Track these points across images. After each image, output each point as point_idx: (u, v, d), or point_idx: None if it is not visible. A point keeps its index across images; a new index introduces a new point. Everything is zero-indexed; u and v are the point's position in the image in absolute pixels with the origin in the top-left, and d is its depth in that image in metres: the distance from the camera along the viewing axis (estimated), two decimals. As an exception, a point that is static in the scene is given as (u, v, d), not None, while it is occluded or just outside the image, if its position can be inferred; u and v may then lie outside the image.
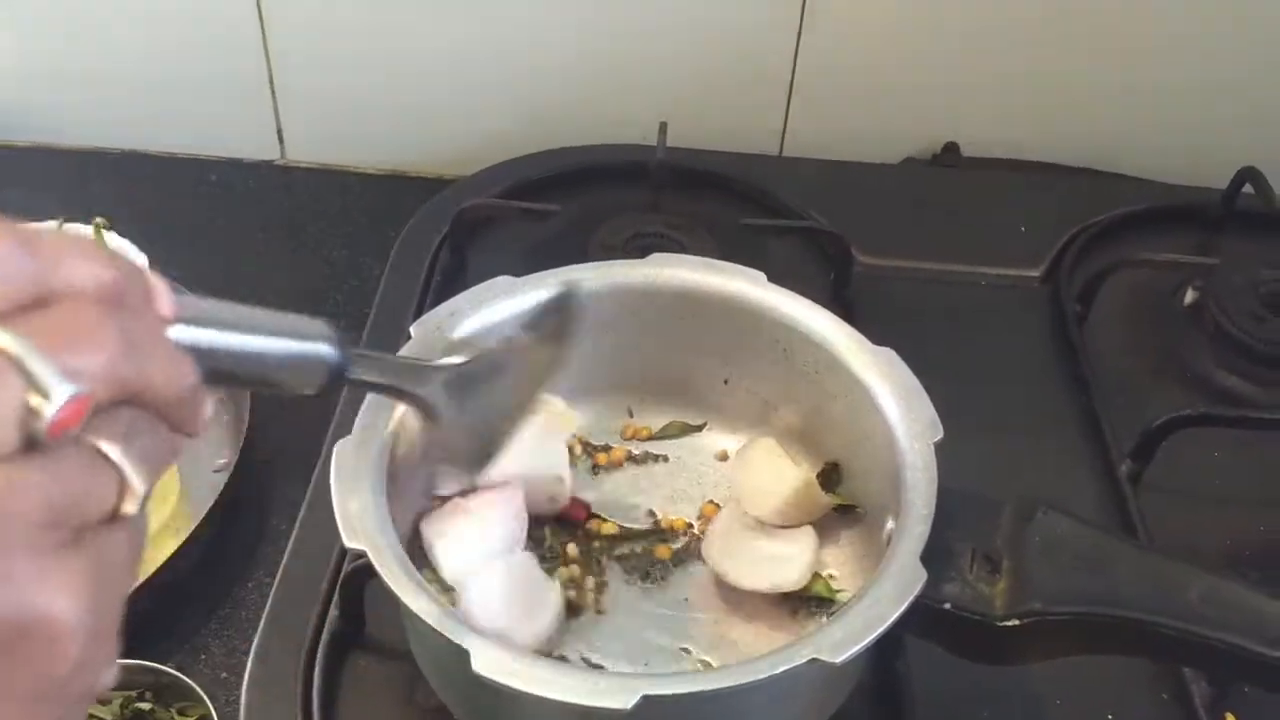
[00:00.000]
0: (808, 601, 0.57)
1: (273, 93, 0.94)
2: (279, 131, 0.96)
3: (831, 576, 0.58)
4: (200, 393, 0.34)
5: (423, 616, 0.45)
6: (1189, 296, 0.82)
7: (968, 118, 0.94)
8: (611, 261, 0.63)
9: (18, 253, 0.30)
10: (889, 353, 0.57)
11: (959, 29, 0.90)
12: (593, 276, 0.61)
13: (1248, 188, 0.86)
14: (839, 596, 0.57)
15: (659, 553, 0.60)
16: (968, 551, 0.50)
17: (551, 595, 0.55)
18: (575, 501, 0.60)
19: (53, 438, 0.29)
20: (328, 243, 0.89)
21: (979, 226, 0.89)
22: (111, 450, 0.31)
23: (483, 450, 0.51)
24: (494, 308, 0.59)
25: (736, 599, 0.58)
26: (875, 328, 0.61)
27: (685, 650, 0.56)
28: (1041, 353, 0.80)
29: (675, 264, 0.62)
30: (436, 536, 0.55)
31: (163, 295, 0.34)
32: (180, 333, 0.35)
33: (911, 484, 0.51)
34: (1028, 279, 0.85)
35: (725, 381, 0.64)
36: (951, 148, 0.96)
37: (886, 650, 0.57)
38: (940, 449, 0.53)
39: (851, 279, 0.82)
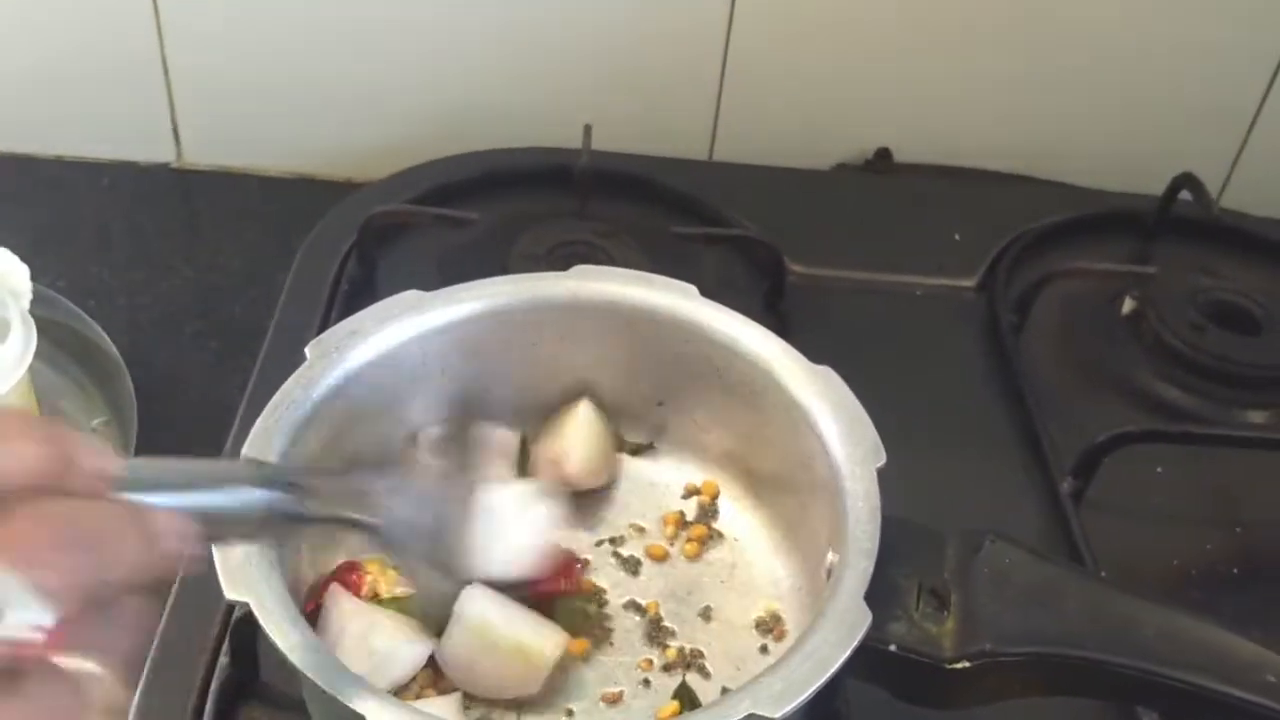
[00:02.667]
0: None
1: (168, 90, 0.88)
2: (175, 132, 0.90)
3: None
4: (172, 541, 0.34)
5: (314, 679, 0.40)
6: (1127, 306, 0.81)
7: (900, 123, 0.92)
8: (532, 275, 0.59)
9: None
10: (828, 371, 0.54)
11: (891, 33, 0.87)
12: (512, 291, 0.57)
13: (1184, 194, 0.85)
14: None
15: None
16: (913, 587, 0.47)
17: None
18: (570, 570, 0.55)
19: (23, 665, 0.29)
20: (226, 250, 0.84)
21: (913, 234, 0.86)
22: (76, 666, 0.31)
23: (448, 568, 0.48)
24: (400, 325, 0.55)
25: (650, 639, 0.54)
26: (808, 340, 0.58)
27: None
28: (977, 365, 0.77)
29: (600, 277, 0.58)
30: (334, 621, 0.50)
31: (105, 458, 0.34)
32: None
33: (853, 514, 0.48)
34: (962, 289, 0.82)
35: (660, 404, 0.60)
36: (884, 153, 0.93)
37: (825, 691, 0.54)
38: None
39: (785, 290, 0.78)
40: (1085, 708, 0.57)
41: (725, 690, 0.52)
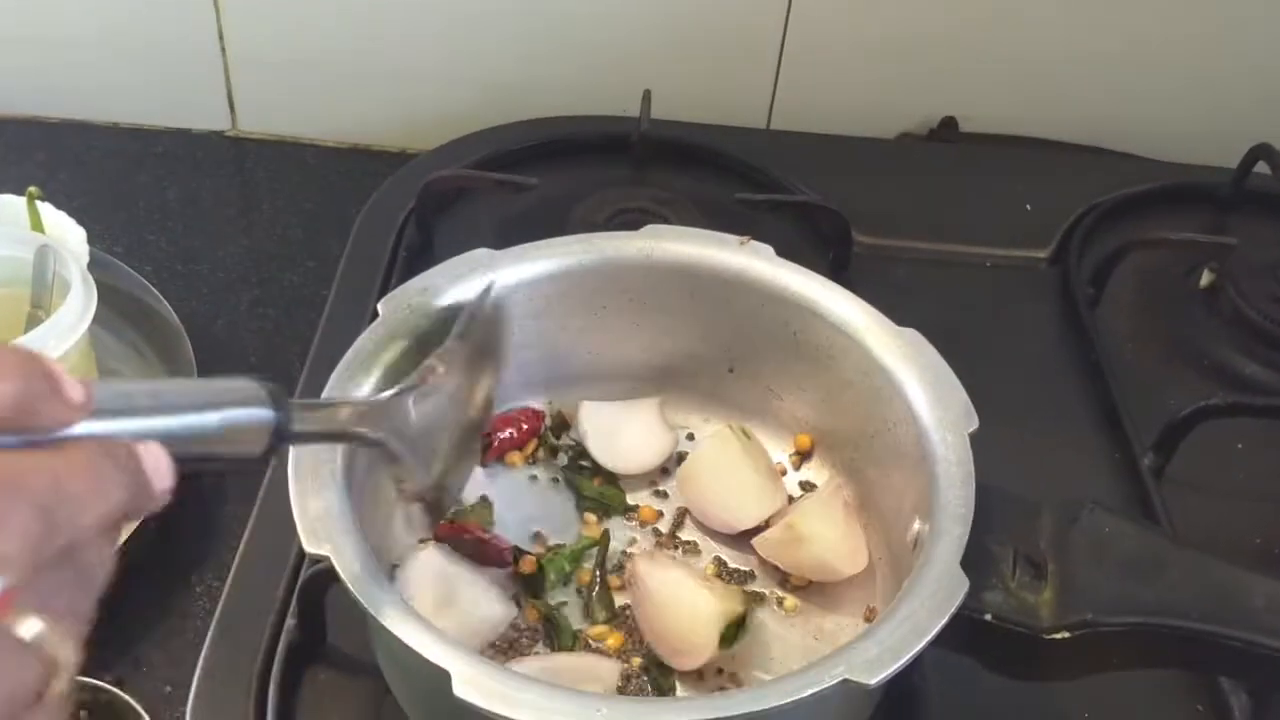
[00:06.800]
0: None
1: (224, 57, 0.87)
2: (230, 100, 0.89)
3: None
4: (144, 479, 0.32)
5: (397, 635, 0.39)
6: (1205, 279, 0.78)
7: (966, 92, 0.90)
8: (603, 234, 0.57)
9: None
10: (913, 334, 0.52)
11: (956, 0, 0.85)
12: (582, 250, 0.56)
13: (1260, 166, 0.82)
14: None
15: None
16: (1009, 556, 0.45)
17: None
18: None
19: None
20: (283, 220, 0.83)
21: (982, 205, 0.84)
22: (32, 632, 0.28)
23: (448, 472, 0.47)
24: (470, 283, 0.53)
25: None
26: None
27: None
28: (1052, 338, 0.75)
29: (674, 237, 0.57)
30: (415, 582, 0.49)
31: (71, 386, 0.31)
32: (96, 427, 0.32)
33: (944, 480, 0.46)
34: (1035, 260, 0.80)
35: (730, 370, 0.58)
36: (949, 122, 0.91)
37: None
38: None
39: (850, 259, 0.77)
40: (1165, 677, 0.56)
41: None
